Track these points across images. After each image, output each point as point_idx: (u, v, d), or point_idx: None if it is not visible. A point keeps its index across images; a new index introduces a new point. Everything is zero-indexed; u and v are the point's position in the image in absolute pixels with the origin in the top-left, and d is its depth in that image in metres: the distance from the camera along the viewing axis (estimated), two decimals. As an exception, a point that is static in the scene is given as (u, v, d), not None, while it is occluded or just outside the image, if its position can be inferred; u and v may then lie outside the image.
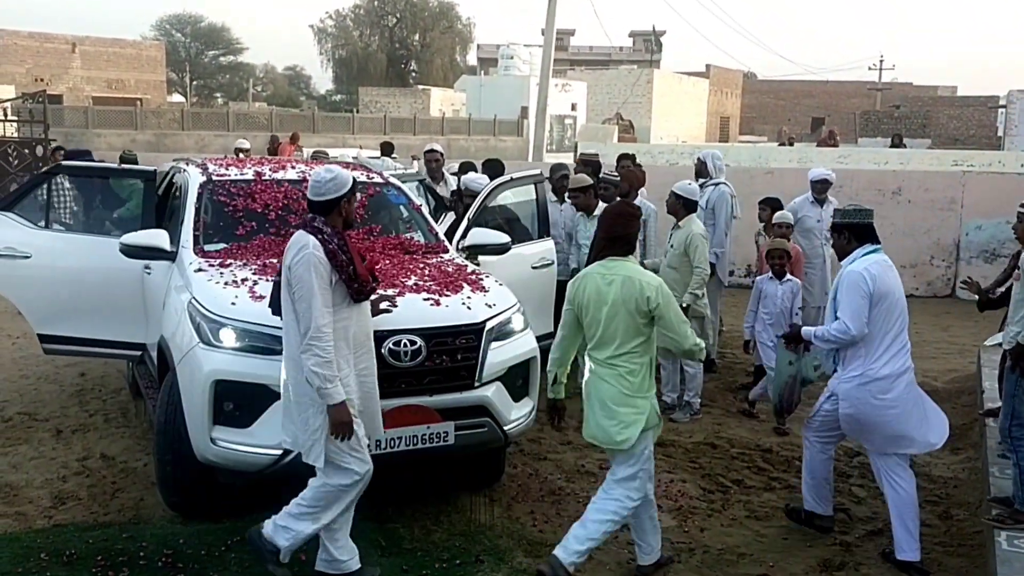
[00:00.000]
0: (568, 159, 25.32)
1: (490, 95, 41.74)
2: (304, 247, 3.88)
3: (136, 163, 8.68)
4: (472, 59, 68.31)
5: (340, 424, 3.88)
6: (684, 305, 6.70)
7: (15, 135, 16.35)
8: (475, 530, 4.84)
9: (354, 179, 4.18)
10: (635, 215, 4.43)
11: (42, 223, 6.24)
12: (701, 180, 8.06)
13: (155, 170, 6.52)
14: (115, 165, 7.52)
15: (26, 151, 15.24)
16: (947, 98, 52.20)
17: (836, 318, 4.51)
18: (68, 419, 6.62)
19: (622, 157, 8.57)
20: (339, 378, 3.88)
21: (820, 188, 8.32)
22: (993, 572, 4.16)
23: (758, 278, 7.21)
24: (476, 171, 8.41)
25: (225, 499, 4.91)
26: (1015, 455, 4.72)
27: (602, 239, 4.36)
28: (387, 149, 14.27)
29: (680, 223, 6.83)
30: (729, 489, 5.57)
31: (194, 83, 64.83)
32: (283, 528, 4.02)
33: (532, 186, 6.86)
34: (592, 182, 7.26)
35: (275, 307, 4.12)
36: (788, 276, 6.96)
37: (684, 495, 5.43)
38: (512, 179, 6.74)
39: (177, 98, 53.41)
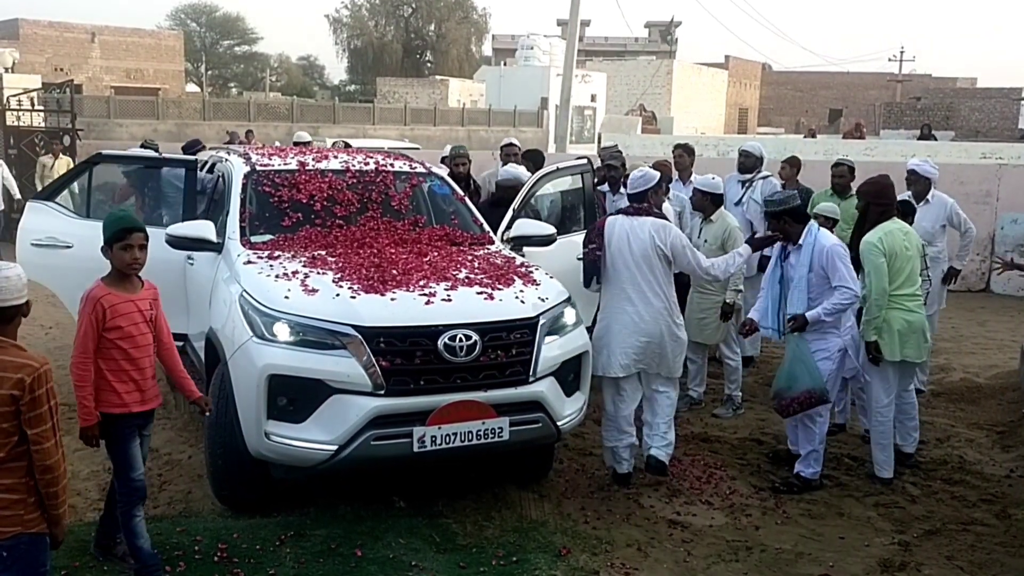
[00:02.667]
0: (589, 150, 25.21)
1: (509, 86, 41.52)
2: (669, 225, 5.36)
3: (158, 151, 8.66)
4: (487, 49, 67.93)
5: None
6: (729, 302, 6.61)
7: (42, 125, 16.32)
8: (528, 526, 4.76)
9: (661, 175, 5.78)
10: (893, 184, 5.70)
11: (84, 212, 6.21)
12: (748, 175, 7.94)
13: (196, 159, 6.47)
14: (159, 155, 7.46)
15: (53, 141, 15.22)
16: (968, 90, 51.53)
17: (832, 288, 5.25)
18: (108, 410, 6.57)
19: (677, 147, 8.49)
20: None
21: (910, 180, 7.19)
22: (1063, 575, 4.07)
23: None
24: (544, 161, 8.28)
25: (276, 493, 4.86)
26: None
27: (881, 204, 5.59)
28: None
29: (712, 217, 6.69)
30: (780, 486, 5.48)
31: (208, 72, 64.83)
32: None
33: (579, 175, 6.77)
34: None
35: (592, 279, 5.45)
36: None
37: (735, 492, 5.35)
38: (558, 169, 6.64)
39: (192, 88, 53.37)
